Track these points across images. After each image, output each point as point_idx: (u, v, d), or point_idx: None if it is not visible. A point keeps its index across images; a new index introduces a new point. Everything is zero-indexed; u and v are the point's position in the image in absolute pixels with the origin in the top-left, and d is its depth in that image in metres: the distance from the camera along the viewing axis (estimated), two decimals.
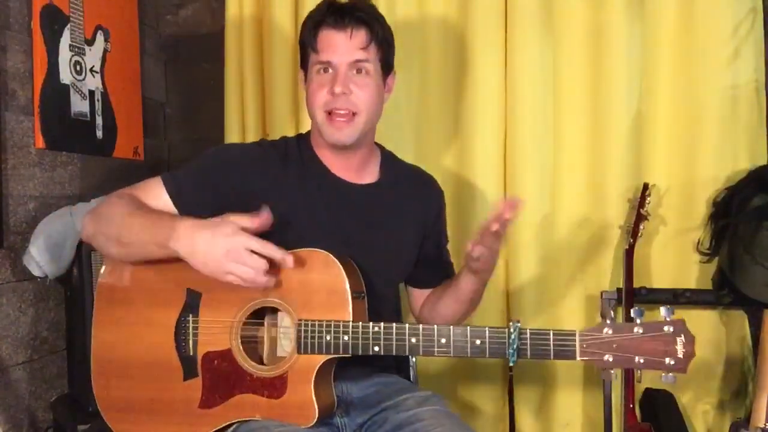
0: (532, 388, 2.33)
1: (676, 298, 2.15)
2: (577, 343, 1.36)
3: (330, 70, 1.56)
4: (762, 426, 1.92)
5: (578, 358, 1.36)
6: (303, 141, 1.67)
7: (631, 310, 1.37)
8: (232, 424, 1.49)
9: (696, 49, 2.18)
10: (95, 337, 1.58)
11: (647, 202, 2.13)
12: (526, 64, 2.25)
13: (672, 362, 1.34)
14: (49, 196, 2.09)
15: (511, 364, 1.39)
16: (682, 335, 1.34)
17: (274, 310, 1.52)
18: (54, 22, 2.09)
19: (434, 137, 2.34)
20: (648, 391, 2.25)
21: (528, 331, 1.38)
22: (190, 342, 1.52)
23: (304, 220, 1.57)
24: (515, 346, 1.37)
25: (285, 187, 1.58)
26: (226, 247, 1.39)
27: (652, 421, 2.14)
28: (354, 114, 1.56)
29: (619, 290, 2.15)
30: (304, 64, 1.62)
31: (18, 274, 1.98)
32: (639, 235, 2.14)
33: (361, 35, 1.55)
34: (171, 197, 1.55)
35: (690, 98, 2.19)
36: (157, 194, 1.56)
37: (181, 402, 1.51)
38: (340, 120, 1.55)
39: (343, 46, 1.54)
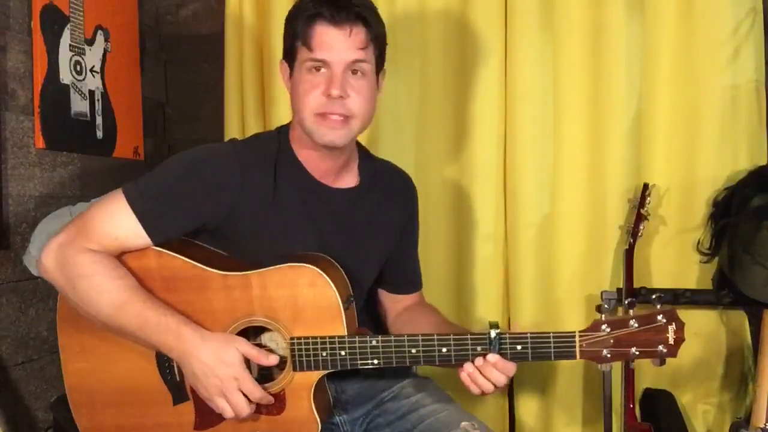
0: (532, 388, 2.33)
1: (676, 298, 2.15)
2: (577, 344, 1.37)
3: (323, 70, 1.44)
4: (762, 426, 1.92)
5: (578, 358, 1.38)
6: (282, 138, 1.57)
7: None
8: None
9: (696, 49, 2.18)
10: (66, 368, 1.51)
11: (647, 202, 2.13)
12: (526, 64, 2.25)
13: (665, 350, 1.37)
14: (49, 196, 2.09)
15: None
16: (673, 323, 1.36)
17: (263, 329, 1.47)
18: (54, 22, 2.09)
19: (434, 137, 2.34)
20: (648, 391, 2.25)
21: (528, 334, 1.38)
22: (175, 368, 1.45)
23: (281, 225, 1.51)
24: (496, 351, 1.38)
25: (261, 191, 1.49)
26: (222, 379, 1.36)
27: (652, 421, 2.14)
28: (348, 118, 1.46)
29: (619, 290, 2.15)
30: (290, 57, 1.50)
31: (18, 274, 1.97)
32: (639, 235, 2.14)
33: (360, 33, 1.44)
34: (143, 226, 1.43)
35: (690, 98, 2.19)
36: (124, 224, 1.43)
37: (175, 426, 1.46)
38: (335, 121, 1.45)
39: (341, 44, 1.42)
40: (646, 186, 2.16)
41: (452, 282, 2.34)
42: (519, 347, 1.38)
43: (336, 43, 1.43)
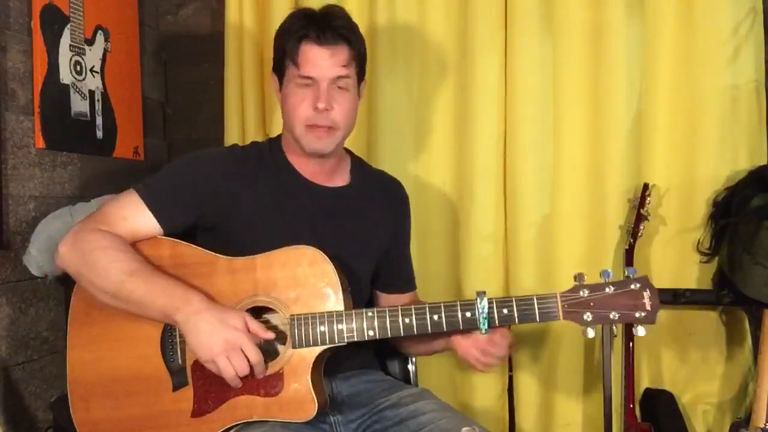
0: (532, 388, 2.33)
1: (676, 298, 2.15)
2: (559, 305, 1.45)
3: (311, 85, 1.57)
4: (762, 426, 1.92)
5: (561, 319, 1.46)
6: (274, 146, 1.70)
7: (600, 272, 1.47)
8: (229, 429, 1.48)
9: (696, 49, 2.18)
10: (70, 360, 1.54)
11: (647, 202, 2.13)
12: (526, 64, 2.25)
13: (642, 315, 1.44)
14: (49, 196, 2.09)
15: (483, 333, 1.48)
16: (648, 289, 1.44)
17: (266, 310, 1.52)
18: (54, 22, 2.09)
19: (434, 137, 2.34)
20: (648, 391, 2.25)
21: (514, 298, 1.47)
22: (178, 351, 1.50)
23: (277, 223, 1.59)
24: (485, 316, 1.46)
25: (258, 191, 1.61)
26: (227, 338, 1.41)
27: (652, 421, 2.15)
28: (333, 128, 1.59)
29: None
30: (279, 71, 1.63)
31: (18, 274, 1.98)
32: (639, 235, 2.14)
33: (342, 52, 1.57)
34: (150, 210, 1.54)
35: (690, 98, 2.19)
36: (135, 211, 1.55)
37: (172, 414, 1.49)
38: (320, 131, 1.58)
39: (326, 62, 1.55)
40: (646, 186, 2.16)
41: (452, 282, 2.34)
42: (505, 311, 1.47)
43: (321, 61, 1.56)
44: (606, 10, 2.20)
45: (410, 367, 1.86)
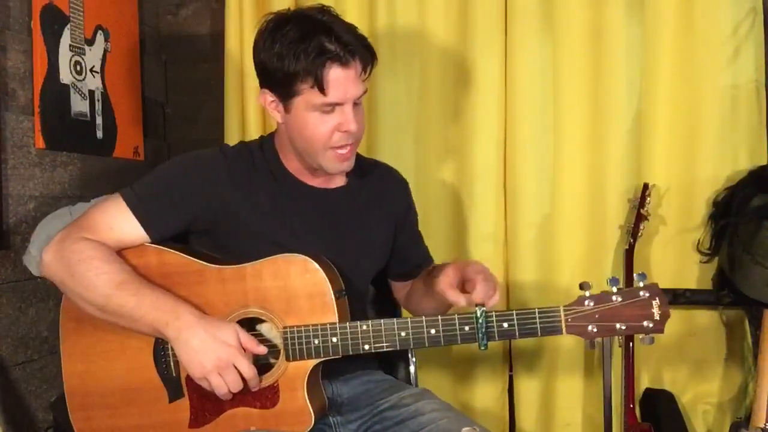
0: (532, 388, 2.33)
1: (676, 298, 2.15)
2: (562, 319, 1.40)
3: (336, 108, 1.48)
4: (762, 426, 1.92)
5: (564, 333, 1.40)
6: (267, 147, 1.62)
7: (607, 280, 1.41)
8: None
9: (696, 49, 2.18)
10: (66, 370, 1.53)
11: (647, 202, 2.14)
12: (526, 65, 2.26)
13: (650, 324, 1.38)
14: (49, 196, 2.09)
15: (482, 348, 1.43)
16: (657, 298, 1.39)
17: (257, 320, 1.50)
18: (54, 22, 2.09)
19: (434, 137, 2.34)
20: (648, 391, 2.25)
21: (514, 312, 1.42)
22: (171, 362, 1.47)
23: (276, 228, 1.55)
24: (483, 330, 1.41)
25: (253, 195, 1.54)
26: (219, 355, 1.38)
27: (652, 421, 2.15)
28: (355, 144, 1.54)
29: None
30: (284, 91, 1.49)
31: (18, 274, 1.97)
32: (639, 235, 2.14)
33: (359, 66, 1.46)
34: (138, 218, 1.49)
35: (690, 98, 2.20)
36: (122, 220, 1.49)
37: (170, 424, 1.48)
38: (347, 153, 1.52)
39: (352, 84, 1.46)
40: (646, 186, 2.16)
41: None
42: (506, 325, 1.42)
43: (347, 84, 1.46)
44: (606, 11, 2.20)
45: (411, 367, 1.85)
